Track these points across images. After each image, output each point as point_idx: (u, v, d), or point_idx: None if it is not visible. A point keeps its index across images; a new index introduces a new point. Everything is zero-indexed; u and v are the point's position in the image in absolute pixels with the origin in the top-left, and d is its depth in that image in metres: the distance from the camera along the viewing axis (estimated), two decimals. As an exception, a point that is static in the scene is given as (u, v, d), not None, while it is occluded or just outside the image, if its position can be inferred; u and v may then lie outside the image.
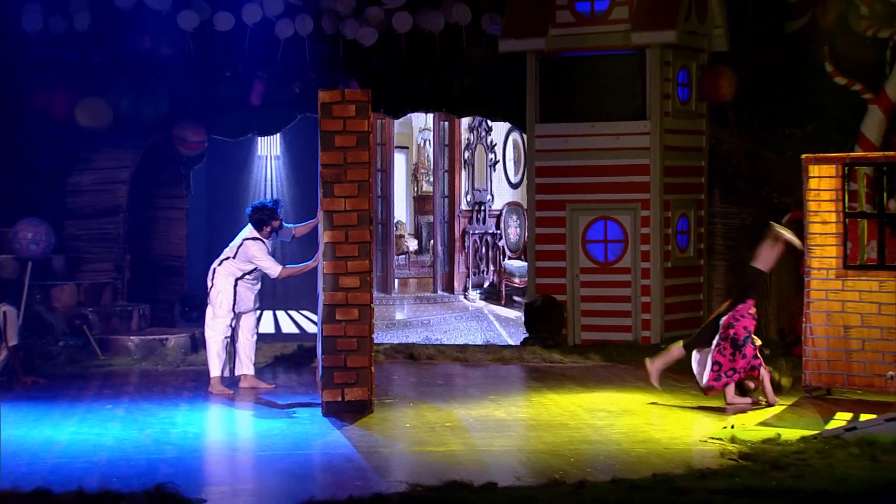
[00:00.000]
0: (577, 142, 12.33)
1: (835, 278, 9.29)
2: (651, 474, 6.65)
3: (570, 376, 10.54)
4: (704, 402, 9.12)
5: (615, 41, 12.12)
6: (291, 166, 15.99)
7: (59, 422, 8.38)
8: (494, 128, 17.03)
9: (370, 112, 8.78)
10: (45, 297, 11.76)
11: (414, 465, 7.20)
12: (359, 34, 13.00)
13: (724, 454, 7.22)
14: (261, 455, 7.53)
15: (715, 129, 12.71)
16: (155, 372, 10.83)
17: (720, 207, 12.78)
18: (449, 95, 13.40)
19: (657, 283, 12.10)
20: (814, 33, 12.51)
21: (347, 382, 8.67)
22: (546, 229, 12.53)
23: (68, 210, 12.61)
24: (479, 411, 8.85)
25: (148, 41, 12.78)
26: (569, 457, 7.25)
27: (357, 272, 8.68)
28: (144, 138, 12.87)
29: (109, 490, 6.25)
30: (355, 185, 8.71)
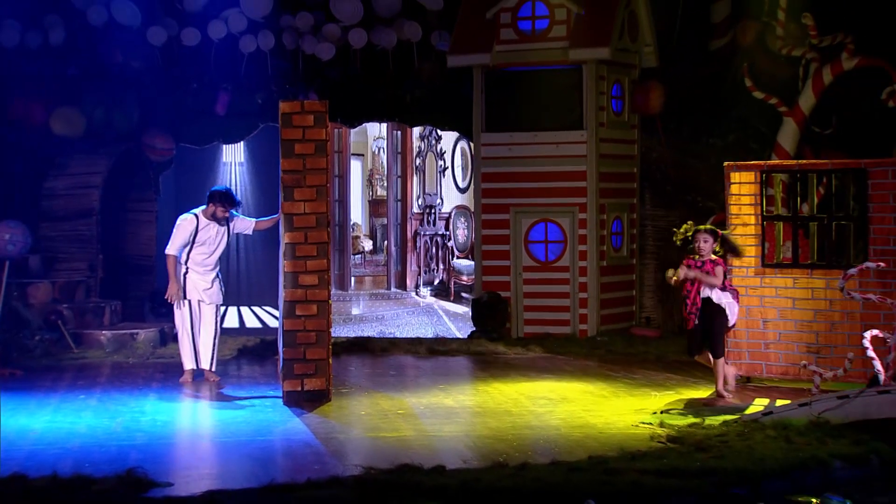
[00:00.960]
0: (520, 150, 12.35)
1: (754, 275, 9.39)
2: (587, 457, 6.68)
3: (514, 367, 10.55)
4: (636, 390, 9.18)
5: (554, 57, 12.16)
6: (254, 172, 15.86)
7: (35, 411, 8.26)
8: (444, 136, 17.02)
9: (328, 122, 8.75)
10: (21, 294, 11.58)
11: (368, 449, 7.18)
12: (317, 49, 12.94)
13: (653, 438, 7.27)
14: (225, 441, 7.47)
15: (645, 139, 12.79)
16: (126, 364, 10.70)
17: (650, 210, 12.85)
18: (401, 106, 13.38)
19: (593, 280, 12.15)
20: (734, 51, 12.66)
21: (307, 373, 8.63)
22: (491, 231, 12.54)
23: (44, 212, 12.44)
24: (429, 399, 8.84)
25: (119, 55, 12.65)
26: (512, 441, 7.26)
27: (315, 271, 8.64)
28: (116, 145, 12.72)
29: (82, 475, 6.18)
30: (314, 190, 8.66)
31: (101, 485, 6.01)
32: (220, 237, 9.63)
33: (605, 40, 11.96)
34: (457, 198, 17.09)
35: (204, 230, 9.52)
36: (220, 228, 9.60)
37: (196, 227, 9.48)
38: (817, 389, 8.53)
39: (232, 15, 12.78)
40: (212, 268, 9.61)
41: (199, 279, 9.56)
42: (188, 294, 9.54)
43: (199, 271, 9.57)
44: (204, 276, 9.58)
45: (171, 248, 9.51)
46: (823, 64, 11.88)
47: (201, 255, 9.54)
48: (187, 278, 9.53)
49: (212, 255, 9.59)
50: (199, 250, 9.52)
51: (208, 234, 9.53)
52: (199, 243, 9.51)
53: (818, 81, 11.94)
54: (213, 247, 9.58)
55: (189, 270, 9.55)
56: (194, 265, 9.56)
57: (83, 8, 12.53)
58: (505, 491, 5.96)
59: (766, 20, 12.40)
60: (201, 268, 9.56)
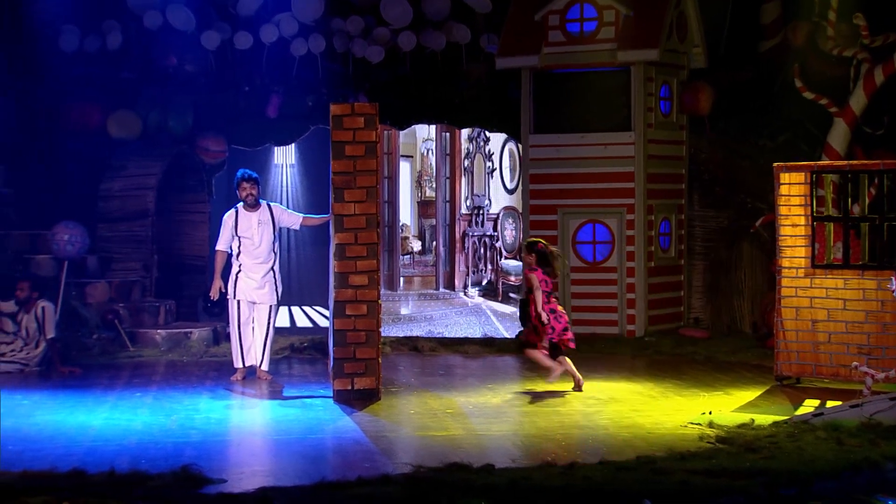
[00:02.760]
0: (568, 151, 12.32)
1: (804, 276, 9.29)
2: (635, 456, 6.64)
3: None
4: (684, 390, 9.12)
5: (602, 59, 12.11)
6: (305, 174, 15.98)
7: (93, 408, 8.39)
8: (492, 138, 17.01)
9: (377, 124, 8.78)
10: (80, 294, 11.76)
11: (418, 448, 7.20)
12: (367, 52, 13.01)
13: (702, 438, 7.22)
14: (277, 439, 7.53)
15: (694, 140, 12.70)
16: (180, 362, 10.83)
17: (699, 211, 12.76)
18: (450, 108, 13.39)
19: (641, 281, 12.09)
20: (785, 52, 12.52)
21: (357, 372, 8.67)
22: (539, 231, 12.49)
23: (101, 214, 12.60)
24: (478, 399, 8.85)
25: (174, 58, 12.81)
26: (560, 441, 7.25)
27: (365, 271, 8.68)
28: (170, 148, 12.87)
29: (139, 471, 6.26)
30: (364, 191, 8.71)
31: (157, 481, 6.10)
32: (262, 227, 9.59)
33: (653, 42, 11.90)
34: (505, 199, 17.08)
35: (243, 220, 9.60)
36: (259, 217, 9.59)
37: (235, 218, 9.61)
38: (869, 391, 8.42)
39: (284, 19, 12.88)
40: (261, 260, 9.59)
41: (249, 279, 9.58)
42: (238, 294, 9.59)
43: (249, 267, 9.57)
44: (254, 272, 9.57)
45: (219, 244, 9.69)
46: (875, 64, 11.72)
47: (247, 247, 9.57)
48: (238, 278, 9.61)
49: (259, 246, 9.57)
50: (244, 243, 9.57)
51: (248, 224, 9.57)
52: (242, 235, 9.57)
53: (870, 82, 11.78)
54: (258, 237, 9.55)
55: (240, 270, 9.59)
56: (244, 259, 9.57)
57: (139, 12, 12.70)
58: (553, 490, 5.95)
59: (816, 20, 12.26)
60: (251, 260, 9.57)
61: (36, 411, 8.28)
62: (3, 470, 6.27)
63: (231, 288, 9.63)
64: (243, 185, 9.63)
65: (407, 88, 13.18)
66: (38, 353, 10.24)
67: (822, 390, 9.05)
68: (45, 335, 10.21)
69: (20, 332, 10.24)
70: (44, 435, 7.42)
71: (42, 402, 8.67)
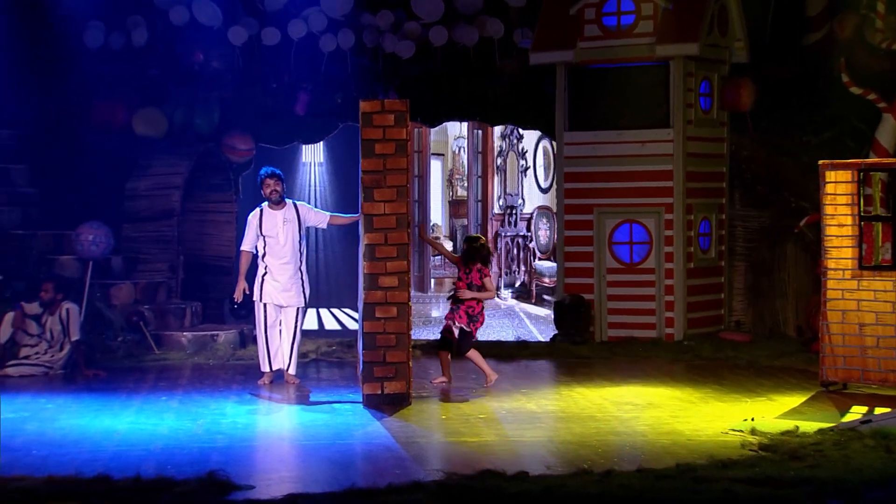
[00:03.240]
0: (604, 149, 12.27)
1: (850, 278, 9.20)
2: (675, 464, 6.60)
3: (598, 371, 10.49)
4: (725, 396, 9.06)
5: (640, 53, 12.06)
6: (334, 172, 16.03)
7: (119, 412, 8.45)
8: (525, 136, 16.99)
9: (408, 121, 8.79)
10: (104, 296, 11.84)
11: (450, 454, 7.20)
12: (397, 47, 13.02)
13: (744, 445, 7.17)
14: (305, 444, 7.55)
15: (735, 137, 12.62)
16: (206, 366, 10.89)
17: (740, 211, 12.68)
18: (482, 105, 13.39)
19: (680, 282, 12.03)
20: (831, 46, 12.40)
21: (387, 376, 8.68)
22: (574, 232, 12.48)
23: (126, 214, 12.68)
24: (511, 404, 8.83)
25: (200, 55, 12.88)
26: (596, 447, 7.22)
27: (395, 272, 8.69)
28: (197, 146, 12.94)
29: (165, 477, 6.30)
30: (394, 190, 8.71)
31: (183, 487, 6.13)
32: (288, 225, 9.56)
33: (693, 35, 11.83)
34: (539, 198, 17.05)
35: (267, 219, 9.58)
36: (285, 216, 9.57)
37: (260, 218, 9.61)
38: (918, 398, 8.33)
39: (312, 14, 12.92)
40: (287, 261, 9.55)
41: (275, 281, 9.56)
42: (264, 297, 9.59)
43: (275, 268, 9.54)
44: (280, 273, 9.54)
45: (244, 244, 9.70)
46: (926, 57, 11.60)
47: (272, 247, 9.54)
48: (265, 280, 9.60)
49: (284, 245, 9.53)
50: (269, 243, 9.55)
51: (273, 222, 9.55)
52: (267, 234, 9.55)
53: (920, 76, 11.66)
54: (283, 236, 9.52)
55: (266, 272, 9.59)
56: (270, 260, 9.55)
57: (165, 8, 12.79)
58: (590, 498, 5.92)
59: (864, 13, 12.12)
60: (276, 261, 9.53)
61: (60, 415, 8.36)
62: (27, 475, 6.32)
63: (257, 291, 9.63)
64: (267, 182, 9.62)
65: (438, 85, 13.18)
66: (63, 356, 10.33)
67: (869, 396, 8.96)
68: (70, 337, 10.30)
69: (44, 335, 10.34)
70: (68, 439, 7.49)
71: (66, 406, 8.75)
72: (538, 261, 16.50)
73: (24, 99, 12.75)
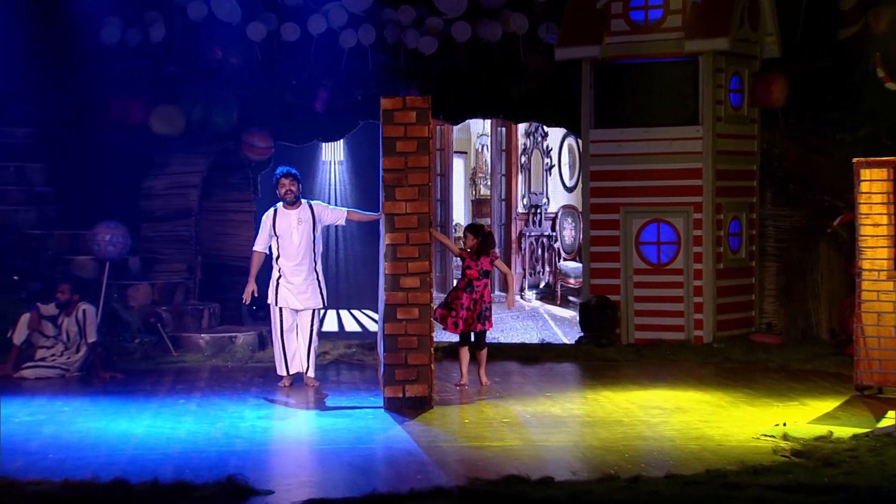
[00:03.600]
0: (631, 146, 12.24)
1: (886, 279, 9.13)
2: (704, 470, 6.58)
3: (624, 374, 10.46)
4: (756, 400, 9.01)
5: (668, 49, 12.02)
6: (354, 171, 16.05)
7: (136, 415, 8.49)
8: (550, 133, 16.96)
9: (430, 118, 8.78)
10: (121, 296, 11.90)
11: (473, 459, 7.19)
12: (419, 43, 13.02)
13: (776, 451, 7.13)
14: (325, 448, 7.56)
15: (766, 134, 12.56)
16: (224, 368, 10.93)
17: (771, 210, 12.62)
18: (506, 102, 13.37)
19: (709, 283, 11.98)
20: (866, 40, 12.31)
21: (408, 379, 8.68)
22: (600, 231, 12.45)
23: (143, 213, 12.74)
24: (536, 408, 8.82)
25: (218, 51, 12.92)
26: (623, 452, 7.20)
27: (417, 273, 8.69)
28: (215, 144, 12.98)
29: (183, 481, 6.31)
30: (416, 189, 8.71)
31: (201, 491, 6.14)
32: (302, 226, 9.51)
33: (723, 30, 11.78)
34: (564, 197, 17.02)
35: (281, 219, 9.57)
36: (299, 216, 9.53)
37: (273, 218, 9.59)
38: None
39: (333, 9, 12.94)
40: (300, 262, 9.50)
41: (289, 284, 9.55)
42: (279, 301, 9.59)
43: (289, 270, 9.52)
44: (294, 275, 9.52)
45: (256, 244, 9.71)
46: (964, 52, 11.49)
47: (286, 248, 9.52)
48: (279, 284, 9.59)
49: (298, 246, 9.48)
50: (282, 244, 9.53)
51: (286, 222, 9.54)
52: (280, 235, 9.54)
53: (958, 71, 11.57)
54: (297, 237, 9.48)
55: (280, 276, 9.58)
56: (283, 262, 9.53)
57: (183, 3, 12.84)
58: (617, 504, 5.91)
59: (900, 6, 12.05)
60: (290, 262, 9.51)
61: (77, 418, 8.40)
62: (43, 479, 6.36)
63: (272, 295, 9.63)
64: (282, 182, 9.62)
65: (461, 81, 13.18)
66: (79, 358, 10.39)
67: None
68: (87, 339, 10.35)
69: (60, 336, 10.40)
70: (85, 443, 7.53)
71: (83, 409, 8.79)
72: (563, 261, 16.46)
73: (40, 97, 12.84)
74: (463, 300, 9.60)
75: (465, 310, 9.59)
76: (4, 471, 6.50)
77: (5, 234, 12.10)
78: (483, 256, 9.68)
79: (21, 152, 12.78)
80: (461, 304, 9.59)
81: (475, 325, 9.65)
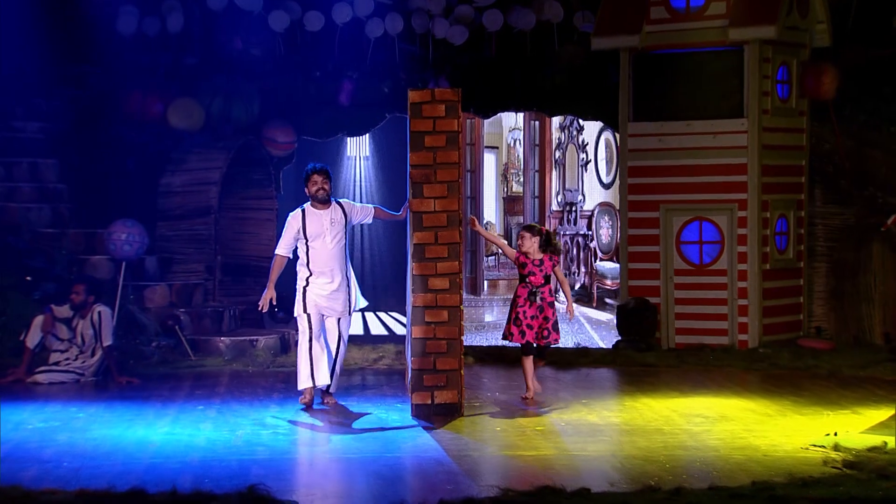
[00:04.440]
0: (672, 141, 12.22)
1: (943, 281, 9.06)
2: (750, 482, 6.55)
3: (665, 380, 10.44)
4: (804, 409, 8.97)
5: (712, 37, 11.98)
6: (380, 167, 16.09)
7: (153, 422, 8.55)
8: (586, 127, 16.92)
9: (460, 111, 8.79)
10: (138, 298, 11.97)
11: (505, 469, 7.19)
12: (449, 33, 13.04)
13: (826, 462, 7.09)
14: (351, 458, 7.58)
15: (816, 128, 12.49)
16: (245, 373, 10.98)
17: (821, 207, 12.56)
18: (540, 94, 13.37)
19: (755, 285, 11.93)
20: (922, 27, 12.25)
21: (437, 385, 8.69)
22: (639, 230, 12.43)
23: (161, 211, 12.81)
24: (571, 415, 8.81)
25: (239, 42, 12.99)
26: (664, 463, 7.18)
27: (446, 273, 8.70)
28: (235, 139, 13.04)
29: (202, 491, 6.34)
30: (445, 186, 8.72)
31: (221, 501, 6.17)
32: (335, 227, 9.10)
33: (770, 18, 11.72)
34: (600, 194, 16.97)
35: (312, 220, 9.11)
36: (331, 216, 9.12)
37: (302, 221, 9.12)
38: None
39: (358, -3, 12.98)
40: (334, 266, 9.08)
41: (320, 289, 9.09)
42: (307, 307, 9.08)
43: (321, 274, 9.07)
44: (327, 281, 9.07)
45: (279, 247, 9.22)
46: None
47: (318, 252, 9.07)
48: (307, 290, 9.10)
49: (332, 250, 9.07)
50: (314, 248, 9.07)
51: (319, 224, 9.09)
52: (312, 238, 9.08)
53: None
54: (330, 239, 9.05)
55: (308, 284, 9.11)
56: (315, 267, 9.08)
57: (203, -9, 12.93)
58: (658, 518, 5.89)
59: (961, -10, 11.97)
60: (322, 267, 9.07)
61: (92, 425, 8.46)
62: (58, 488, 6.41)
63: (299, 302, 9.12)
64: (314, 179, 9.16)
65: (492, 73, 13.18)
66: (95, 362, 10.47)
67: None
68: (102, 342, 10.43)
69: (75, 339, 10.48)
70: (101, 451, 7.58)
71: (98, 415, 8.86)
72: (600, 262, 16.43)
73: (53, 90, 12.95)
74: (528, 310, 9.26)
75: (530, 318, 9.27)
76: (17, 480, 6.56)
77: (18, 233, 12.20)
78: (545, 259, 9.29)
79: (34, 148, 12.90)
80: (525, 314, 9.27)
81: (551, 336, 9.29)
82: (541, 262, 9.28)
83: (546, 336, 9.30)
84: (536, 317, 9.29)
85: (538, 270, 9.29)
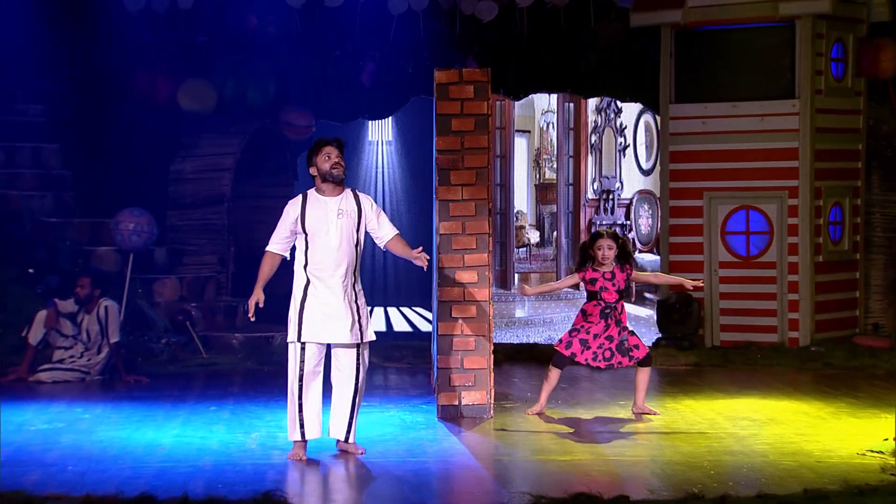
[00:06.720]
0: (717, 124, 12.20)
1: None
2: (802, 490, 6.54)
3: (709, 381, 10.44)
4: (860, 412, 8.93)
5: (760, 12, 11.95)
6: (404, 152, 16.13)
7: (163, 424, 8.60)
8: (624, 109, 16.91)
9: (489, 93, 8.80)
10: (147, 292, 12.04)
11: (537, 474, 7.21)
12: (477, 9, 13.02)
13: (885, 469, 7.07)
14: (373, 462, 7.60)
15: (874, 109, 12.44)
16: (260, 371, 11.03)
17: (879, 195, 12.53)
18: (574, 74, 13.36)
19: (806, 279, 11.89)
20: None
21: (464, 385, 8.71)
22: (681, 220, 12.42)
23: (171, 200, 12.88)
24: (608, 418, 8.80)
25: (254, 19, 13.01)
26: (708, 469, 7.18)
27: (475, 266, 8.71)
28: (249, 123, 13.09)
29: (215, 497, 6.38)
30: (473, 173, 8.73)
31: (235, 507, 6.22)
32: (344, 220, 7.40)
33: (823, -10, 11.69)
34: (640, 181, 16.96)
35: (314, 208, 7.42)
36: (340, 205, 7.43)
37: (302, 207, 7.44)
38: None
39: (380, -29, 13.00)
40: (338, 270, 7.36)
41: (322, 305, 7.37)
42: (303, 333, 7.37)
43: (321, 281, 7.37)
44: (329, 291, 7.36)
45: (271, 243, 7.60)
46: None
47: (320, 249, 7.38)
48: (304, 306, 7.38)
49: (338, 249, 7.36)
50: (314, 244, 7.40)
51: (322, 213, 7.40)
52: (311, 232, 7.39)
53: None
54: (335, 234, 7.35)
55: (306, 296, 7.38)
56: (313, 269, 7.39)
57: (215, -35, 12.97)
58: (701, 528, 5.89)
59: None
60: (324, 271, 7.37)
61: (98, 427, 8.52)
62: (63, 493, 6.46)
63: (293, 323, 7.43)
64: (326, 151, 7.41)
65: (524, 51, 13.17)
66: (101, 360, 10.54)
67: None
68: (109, 339, 10.50)
69: (80, 336, 10.55)
70: (108, 454, 7.64)
71: (105, 416, 8.92)
72: (639, 253, 16.41)
73: (56, 70, 13.01)
74: (594, 328, 8.63)
75: (592, 336, 8.64)
76: (20, 484, 6.61)
77: (20, 222, 12.29)
78: (616, 271, 8.60)
79: (36, 132, 12.98)
80: (588, 331, 8.64)
81: (622, 360, 8.66)
82: (612, 274, 8.58)
83: (608, 358, 8.66)
84: (599, 336, 8.64)
85: (611, 285, 8.59)
